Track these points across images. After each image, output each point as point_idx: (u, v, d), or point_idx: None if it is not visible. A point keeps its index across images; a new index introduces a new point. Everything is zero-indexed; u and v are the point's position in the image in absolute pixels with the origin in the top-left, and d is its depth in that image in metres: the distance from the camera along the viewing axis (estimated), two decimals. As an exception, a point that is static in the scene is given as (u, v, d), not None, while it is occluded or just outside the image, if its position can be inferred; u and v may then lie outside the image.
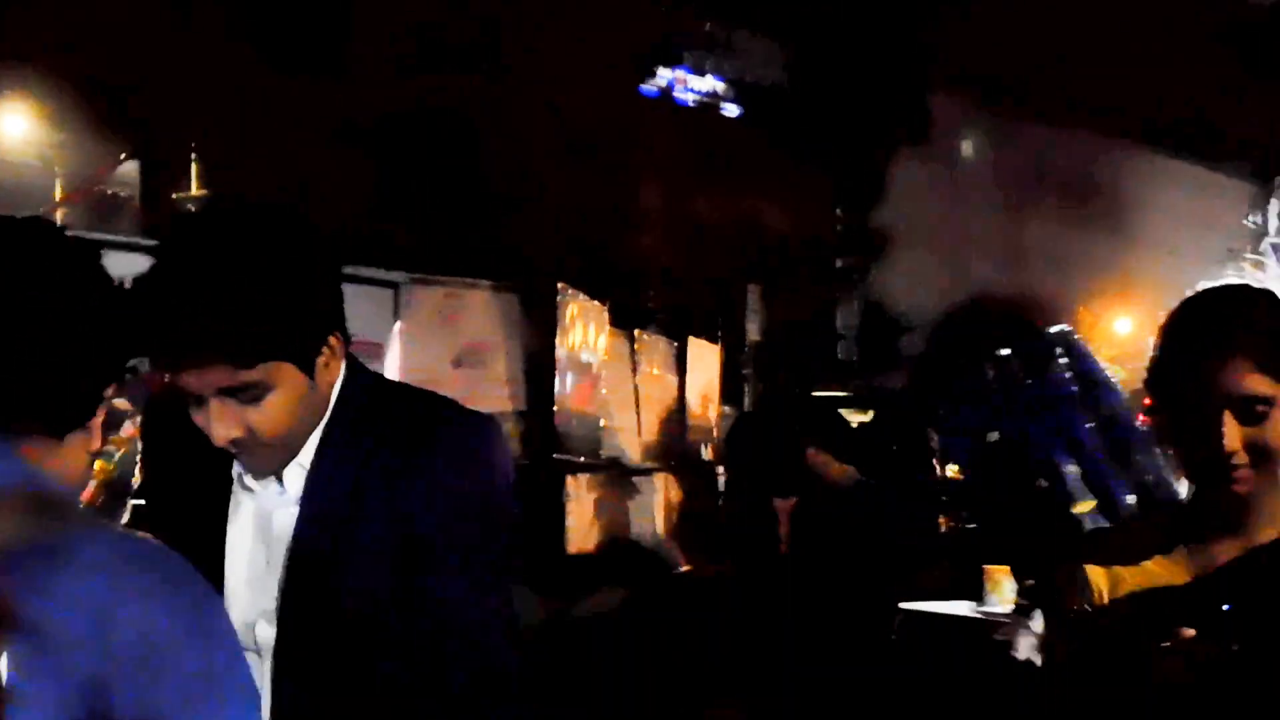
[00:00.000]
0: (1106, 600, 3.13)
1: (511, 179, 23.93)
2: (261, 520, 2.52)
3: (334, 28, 26.12)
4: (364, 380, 2.54)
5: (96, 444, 1.84)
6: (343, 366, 2.46)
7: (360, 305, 2.97)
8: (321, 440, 2.53)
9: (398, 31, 26.07)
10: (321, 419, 2.51)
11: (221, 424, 2.36)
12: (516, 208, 24.79)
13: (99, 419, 1.82)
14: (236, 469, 2.52)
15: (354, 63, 25.85)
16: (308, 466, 2.49)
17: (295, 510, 2.52)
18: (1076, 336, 9.42)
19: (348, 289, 2.70)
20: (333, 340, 2.44)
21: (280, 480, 2.51)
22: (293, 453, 2.50)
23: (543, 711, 2.55)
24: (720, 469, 14.69)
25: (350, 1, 25.58)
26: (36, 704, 1.56)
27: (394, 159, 23.93)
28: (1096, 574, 3.18)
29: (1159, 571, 3.11)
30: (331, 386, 2.47)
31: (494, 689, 2.50)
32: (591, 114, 30.12)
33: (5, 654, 1.40)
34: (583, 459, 13.34)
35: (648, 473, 14.18)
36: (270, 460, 2.48)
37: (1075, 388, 9.02)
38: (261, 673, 2.48)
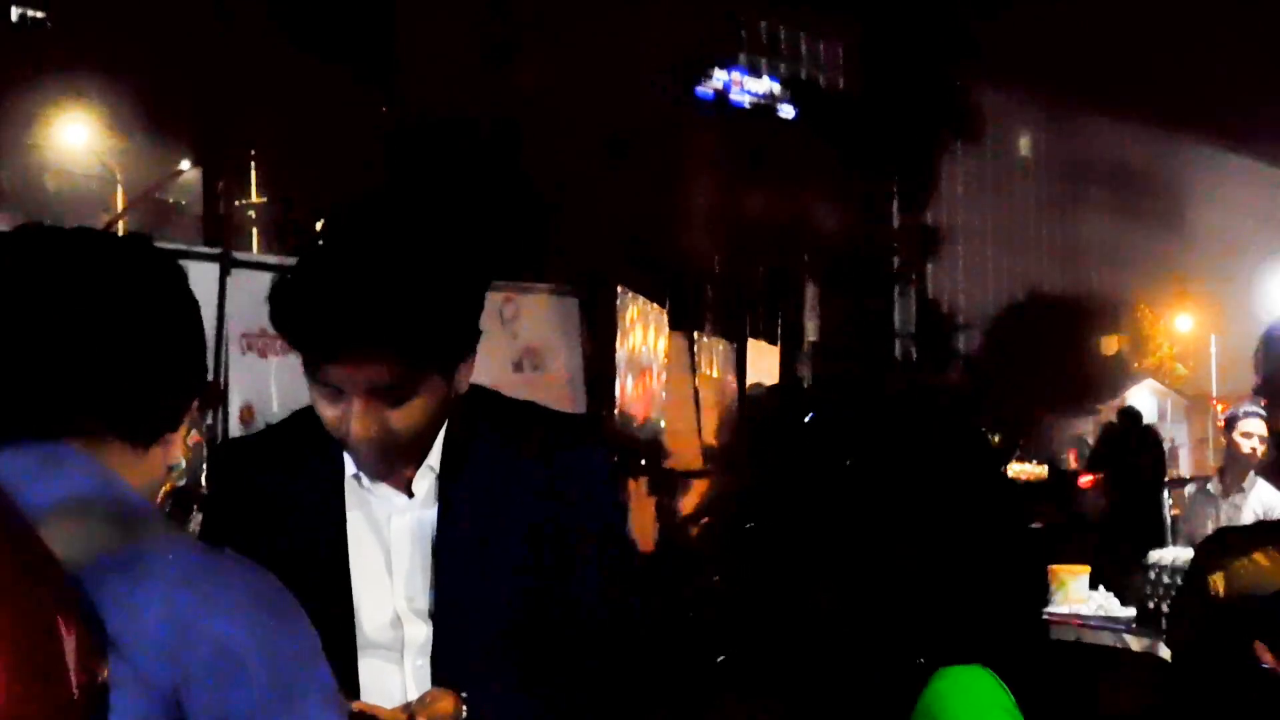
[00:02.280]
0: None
1: (568, 182, 24.00)
2: (376, 523, 2.54)
3: (387, 35, 26.29)
4: (476, 389, 2.57)
5: (178, 457, 1.84)
6: None
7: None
8: (447, 445, 2.54)
9: (451, 36, 26.21)
10: (442, 426, 2.53)
11: (363, 422, 2.33)
12: (574, 211, 24.85)
13: (181, 432, 1.83)
14: (351, 471, 2.53)
15: (408, 69, 26.03)
16: (438, 469, 2.50)
17: (424, 514, 2.54)
18: None
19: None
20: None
21: (407, 486, 2.52)
22: (419, 458, 2.51)
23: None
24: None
25: (402, 9, 25.74)
26: (118, 713, 1.58)
27: (448, 162, 24.07)
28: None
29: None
30: (457, 394, 2.49)
31: (627, 681, 2.55)
32: (647, 117, 30.18)
33: (108, 669, 1.42)
34: (643, 461, 13.35)
35: (706, 475, 14.16)
36: (395, 463, 2.49)
37: None
38: (404, 671, 2.51)
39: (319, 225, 2.51)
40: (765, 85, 50.51)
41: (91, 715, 1.31)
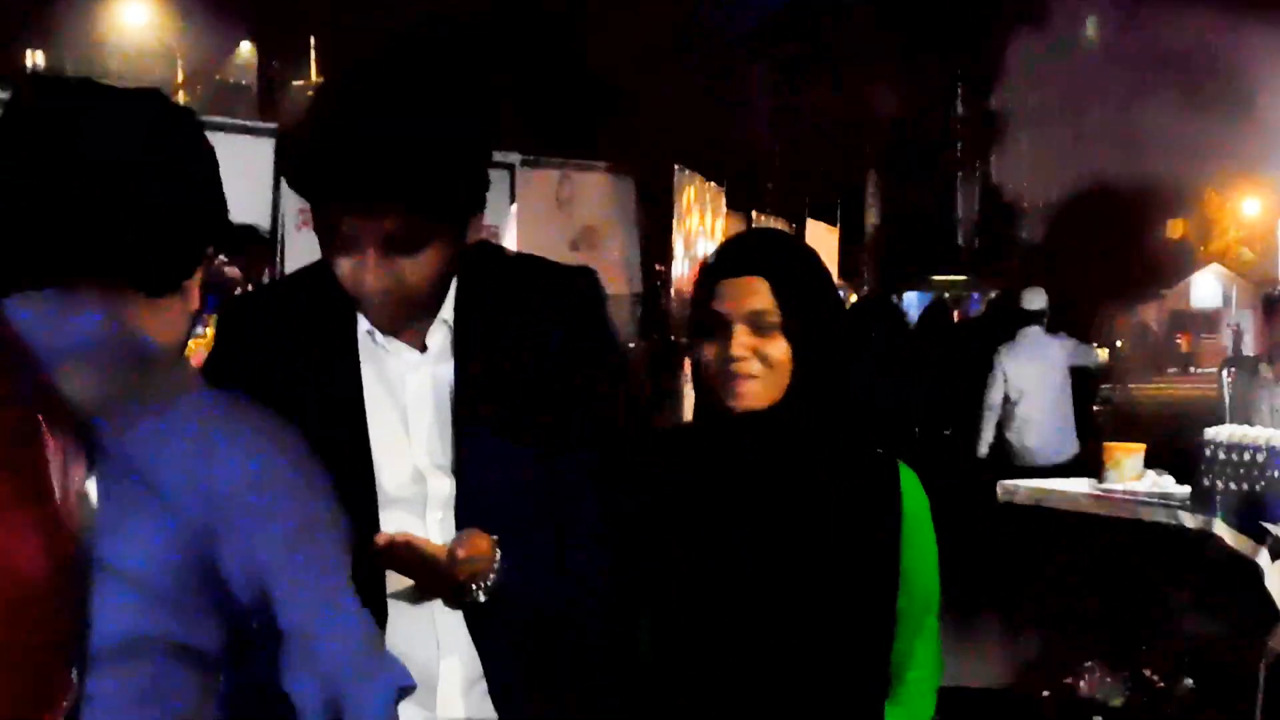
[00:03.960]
0: None
1: (626, 61, 23.87)
2: (390, 380, 2.54)
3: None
4: (479, 243, 2.56)
5: (194, 305, 1.84)
6: None
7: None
8: (459, 298, 2.53)
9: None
10: (453, 278, 2.52)
11: (377, 273, 2.33)
12: (632, 89, 24.73)
13: (196, 279, 1.82)
14: (364, 328, 2.52)
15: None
16: (451, 323, 2.50)
17: (438, 369, 2.53)
18: None
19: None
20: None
21: (421, 341, 2.51)
22: (433, 311, 2.50)
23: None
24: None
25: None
26: (139, 541, 1.59)
27: (506, 38, 23.95)
28: None
29: None
30: (465, 246, 2.48)
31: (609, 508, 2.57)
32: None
33: (95, 482, 1.43)
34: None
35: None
36: (409, 316, 2.48)
37: None
38: (425, 524, 2.52)
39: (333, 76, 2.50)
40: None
41: (77, 522, 1.32)
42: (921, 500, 2.45)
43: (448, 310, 2.47)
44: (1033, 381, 9.64)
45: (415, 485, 2.46)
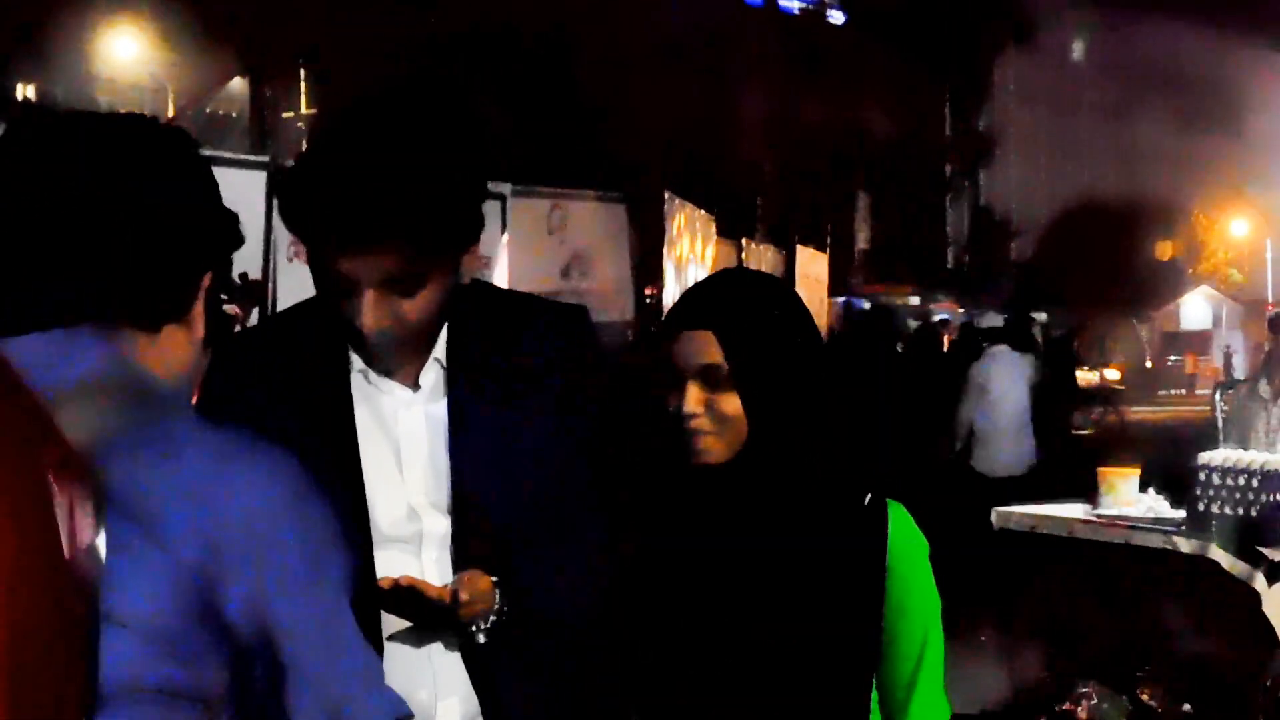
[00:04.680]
0: None
1: (615, 88, 23.90)
2: (384, 419, 2.54)
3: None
4: (472, 282, 2.57)
5: (199, 334, 1.82)
6: None
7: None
8: (451, 337, 2.53)
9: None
10: (447, 316, 2.53)
11: (375, 313, 2.33)
12: (620, 117, 24.74)
13: (197, 310, 1.80)
14: (358, 367, 2.52)
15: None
16: (445, 362, 2.50)
17: (431, 407, 2.53)
18: None
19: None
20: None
21: (414, 379, 2.52)
22: (428, 349, 2.51)
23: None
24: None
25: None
26: (145, 588, 1.58)
27: (497, 70, 23.98)
28: None
29: None
30: (459, 282, 2.50)
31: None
32: (695, 22, 29.98)
33: (104, 532, 1.43)
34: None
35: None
36: (406, 354, 2.48)
37: None
38: (421, 563, 2.52)
39: (326, 119, 2.51)
40: (815, -10, 50.04)
41: (87, 576, 1.32)
42: (915, 544, 2.37)
43: (440, 349, 2.48)
44: (998, 395, 10.22)
45: (410, 524, 2.46)
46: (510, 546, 2.45)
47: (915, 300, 34.09)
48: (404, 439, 2.48)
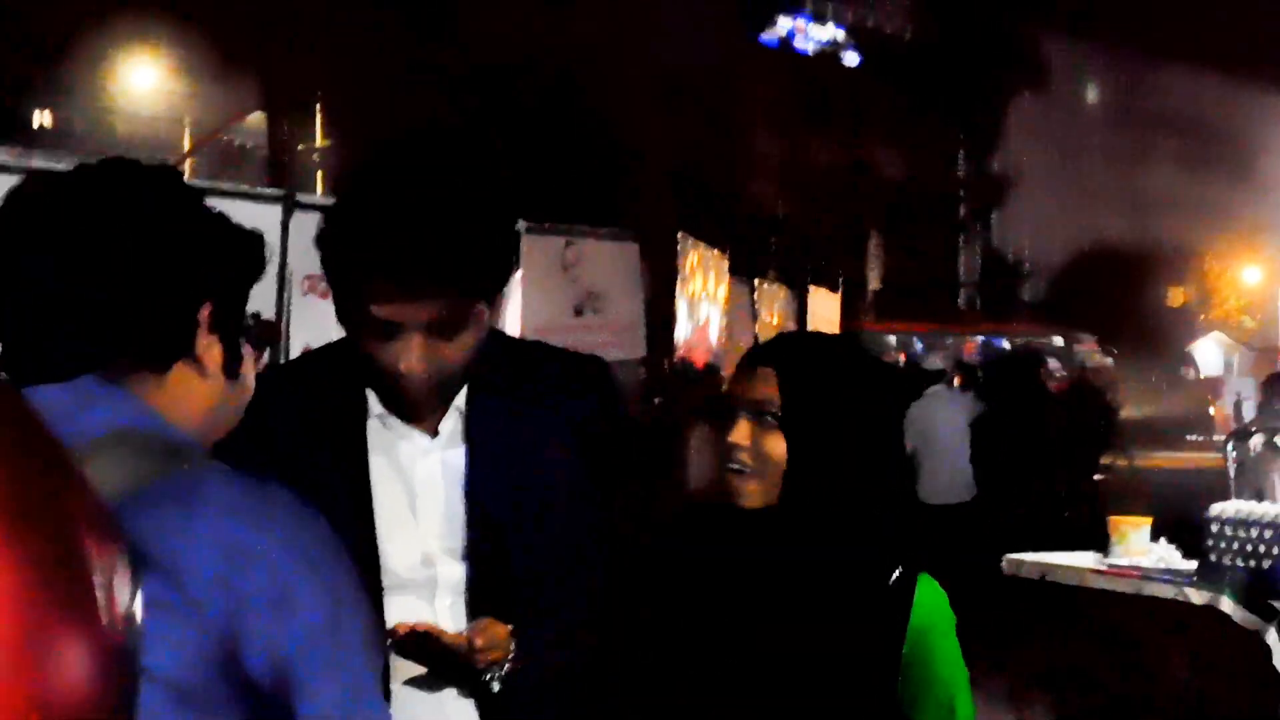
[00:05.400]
0: None
1: (629, 128, 23.96)
2: (400, 465, 2.54)
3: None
4: (490, 331, 2.59)
5: (213, 370, 1.81)
6: None
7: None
8: (472, 385, 2.53)
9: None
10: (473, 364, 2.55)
11: (416, 356, 2.34)
12: (635, 156, 24.81)
13: (204, 345, 1.79)
14: (376, 411, 2.52)
15: (470, 13, 25.96)
16: (464, 409, 2.50)
17: (448, 454, 2.53)
18: None
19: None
20: None
21: (434, 426, 2.52)
22: (451, 394, 2.52)
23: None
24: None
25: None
26: (172, 645, 1.58)
27: (510, 107, 24.04)
28: None
29: None
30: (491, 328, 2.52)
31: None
32: (711, 64, 30.07)
33: (140, 595, 1.42)
34: (702, 407, 13.35)
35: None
36: (437, 399, 2.49)
37: None
38: (434, 609, 2.52)
39: (358, 165, 2.51)
40: (829, 32, 50.15)
41: (122, 641, 1.32)
42: (941, 617, 2.35)
43: (461, 397, 2.48)
44: (933, 432, 11.17)
45: (424, 569, 2.46)
46: (524, 595, 2.45)
47: (1059, 340, 33.96)
48: (420, 485, 2.48)
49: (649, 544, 2.50)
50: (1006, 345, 28.75)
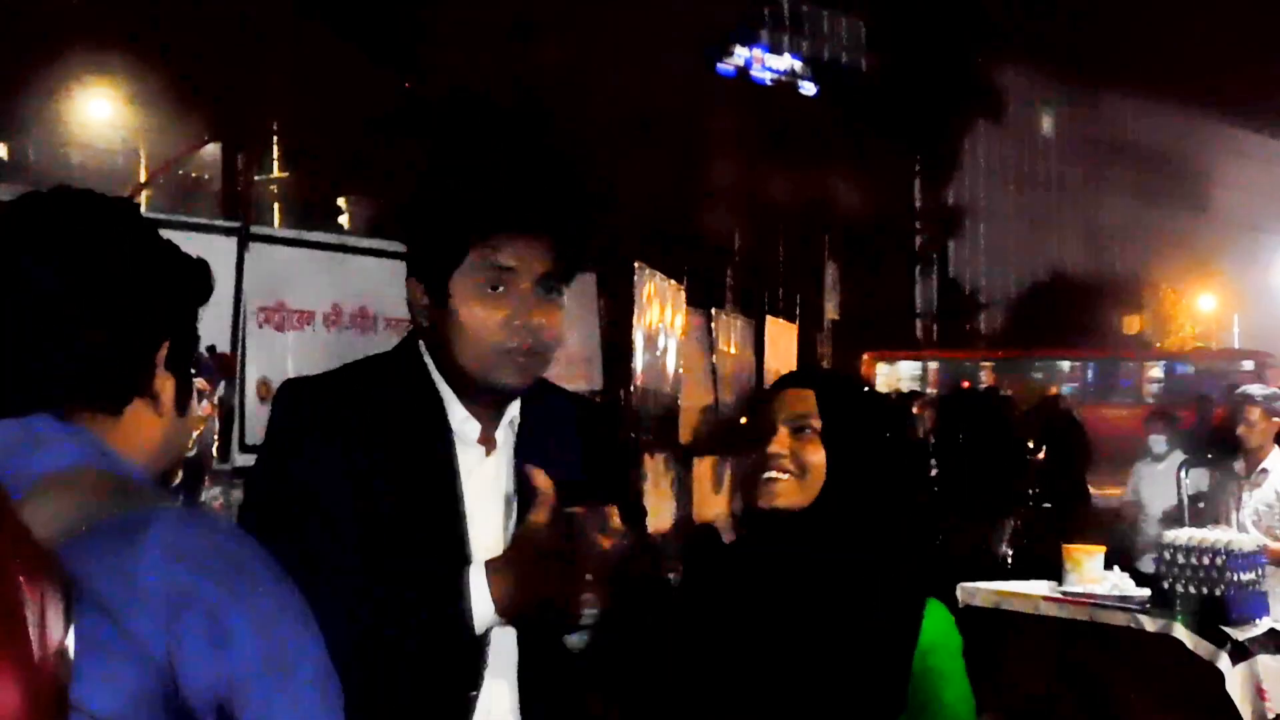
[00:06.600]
0: None
1: (585, 157, 24.00)
2: (483, 481, 2.59)
3: (408, 11, 26.27)
4: None
5: (167, 408, 1.79)
6: None
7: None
8: (522, 400, 2.59)
9: (472, 12, 26.19)
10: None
11: (534, 312, 2.38)
12: (591, 186, 24.79)
13: (160, 383, 1.77)
14: (460, 415, 2.55)
15: (428, 45, 26.00)
16: (516, 423, 2.52)
17: (496, 465, 2.54)
18: None
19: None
20: None
21: (490, 439, 2.54)
22: (507, 401, 2.57)
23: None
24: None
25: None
26: (114, 684, 1.57)
27: (467, 138, 24.01)
28: None
29: None
30: None
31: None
32: (668, 94, 30.16)
33: (72, 631, 1.41)
34: (658, 438, 13.33)
35: (722, 452, 14.15)
36: (529, 375, 2.53)
37: None
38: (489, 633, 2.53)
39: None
40: (786, 63, 50.43)
41: (53, 675, 1.31)
42: (950, 641, 2.44)
43: (514, 409, 2.49)
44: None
45: None
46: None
47: (1248, 365, 32.70)
48: (470, 496, 2.47)
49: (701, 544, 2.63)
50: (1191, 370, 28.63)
